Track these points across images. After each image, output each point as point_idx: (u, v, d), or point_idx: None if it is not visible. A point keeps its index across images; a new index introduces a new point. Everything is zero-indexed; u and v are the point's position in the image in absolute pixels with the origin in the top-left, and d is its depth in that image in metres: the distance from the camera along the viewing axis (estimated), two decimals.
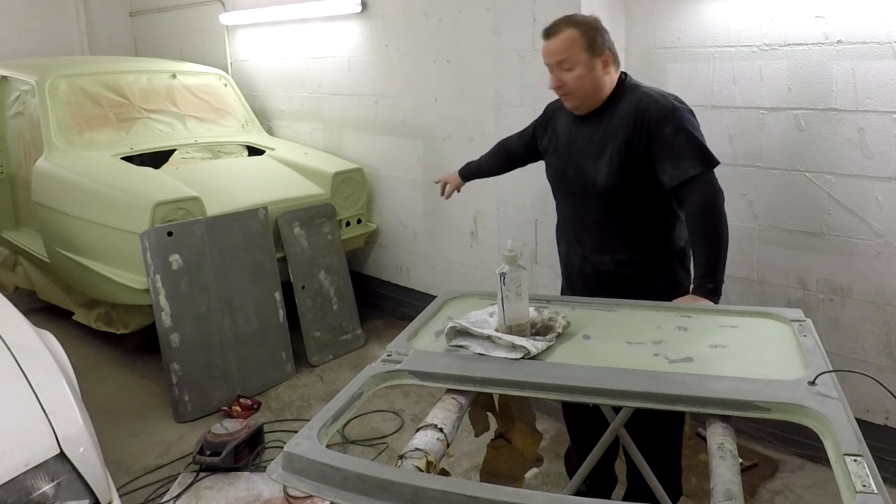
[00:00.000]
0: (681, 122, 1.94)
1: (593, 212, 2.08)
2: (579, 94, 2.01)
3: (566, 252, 2.21)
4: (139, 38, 6.13)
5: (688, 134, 1.93)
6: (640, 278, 2.07)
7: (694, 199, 1.92)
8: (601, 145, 2.01)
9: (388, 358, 1.55)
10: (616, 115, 2.01)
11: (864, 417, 2.51)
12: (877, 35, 2.29)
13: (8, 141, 4.38)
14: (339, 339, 3.86)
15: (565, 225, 2.20)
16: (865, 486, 1.03)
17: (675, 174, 1.92)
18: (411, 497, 1.11)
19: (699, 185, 1.91)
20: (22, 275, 4.46)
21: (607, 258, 2.09)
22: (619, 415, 1.82)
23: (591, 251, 2.11)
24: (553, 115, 2.23)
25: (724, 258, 1.93)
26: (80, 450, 1.54)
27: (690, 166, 1.91)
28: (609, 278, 2.10)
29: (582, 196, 2.09)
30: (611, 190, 2.01)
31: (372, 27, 4.04)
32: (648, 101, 1.98)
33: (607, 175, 2.00)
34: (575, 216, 2.14)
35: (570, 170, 2.10)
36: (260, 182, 3.89)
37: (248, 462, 2.79)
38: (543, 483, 2.62)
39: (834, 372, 1.36)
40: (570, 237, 2.18)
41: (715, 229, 1.92)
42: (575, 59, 1.96)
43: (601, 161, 2.01)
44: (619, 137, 1.98)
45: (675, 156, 1.92)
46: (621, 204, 2.03)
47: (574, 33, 1.96)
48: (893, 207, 2.37)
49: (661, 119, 1.94)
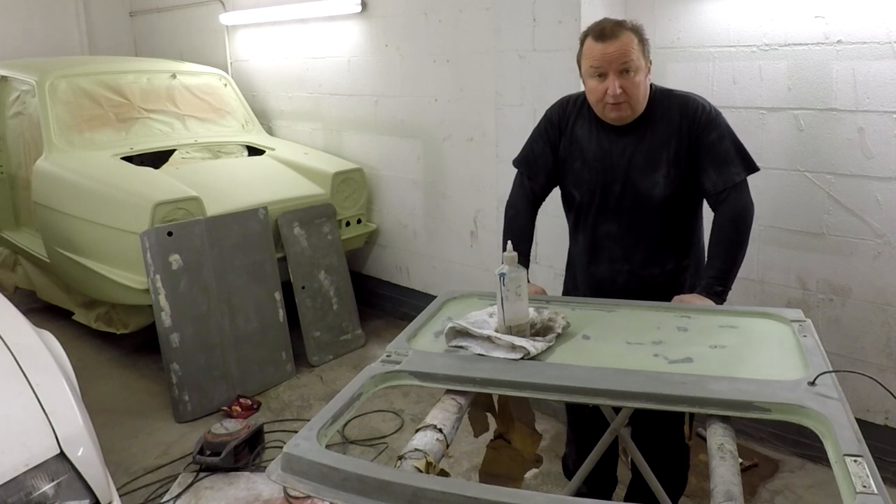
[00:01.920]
0: (725, 127, 1.94)
1: (647, 226, 1.99)
2: (635, 103, 1.90)
3: (607, 269, 2.06)
4: (139, 38, 6.13)
5: (732, 139, 1.93)
6: (682, 284, 2.05)
7: (730, 205, 1.91)
8: (651, 157, 1.94)
9: (387, 358, 1.55)
10: (661, 123, 1.94)
11: (864, 417, 2.51)
12: (877, 35, 2.29)
13: (8, 141, 4.38)
14: (339, 339, 3.86)
15: (607, 242, 2.04)
16: (865, 487, 1.03)
17: (719, 181, 1.90)
18: (411, 498, 1.11)
19: (738, 192, 1.91)
20: (22, 275, 4.46)
21: (657, 271, 2.03)
22: (619, 415, 1.82)
23: (641, 265, 2.02)
24: (565, 123, 2.05)
25: (739, 267, 1.93)
26: (80, 450, 1.54)
27: (735, 172, 1.90)
28: (656, 289, 2.01)
29: (633, 211, 1.99)
30: (669, 202, 1.96)
31: (372, 27, 4.03)
32: (695, 106, 1.94)
33: (665, 187, 1.94)
34: (622, 232, 2.02)
35: (616, 186, 1.97)
36: (260, 182, 3.89)
37: (248, 462, 2.79)
38: (543, 483, 2.62)
39: (834, 372, 1.36)
40: (613, 254, 2.04)
41: (739, 237, 1.92)
42: (637, 64, 1.86)
43: (657, 173, 1.94)
44: (672, 147, 1.92)
45: (721, 162, 1.91)
46: (676, 214, 1.99)
47: (633, 36, 1.86)
48: (893, 207, 2.37)
49: (707, 124, 1.92)
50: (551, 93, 2.29)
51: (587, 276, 2.12)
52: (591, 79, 1.90)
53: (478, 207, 3.70)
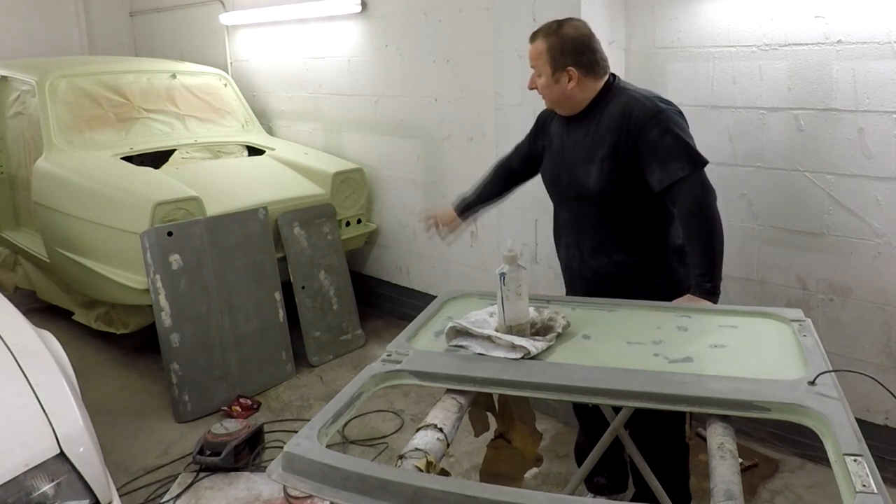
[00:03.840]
0: (667, 123, 1.93)
1: (588, 216, 2.09)
2: (548, 100, 2.09)
3: (565, 255, 2.22)
4: (139, 38, 6.13)
5: (674, 135, 1.93)
6: (639, 277, 2.08)
7: (685, 200, 1.92)
8: (590, 151, 2.03)
9: (388, 358, 1.55)
10: (603, 119, 2.01)
11: (864, 417, 2.51)
12: (877, 35, 2.29)
13: (8, 141, 4.38)
14: (339, 339, 3.86)
15: (563, 229, 2.21)
16: (865, 486, 1.03)
17: (663, 177, 1.92)
18: (411, 497, 1.11)
19: (688, 186, 1.91)
20: (22, 275, 4.46)
21: (604, 260, 2.10)
22: (619, 415, 1.83)
23: (589, 254, 2.12)
24: (546, 121, 2.24)
25: (721, 257, 1.92)
26: (80, 450, 1.54)
27: (679, 168, 1.91)
28: (608, 279, 2.11)
29: (577, 201, 2.11)
30: (602, 194, 2.02)
31: (372, 27, 4.04)
32: (634, 104, 1.97)
33: (598, 180, 2.01)
34: (571, 220, 2.16)
35: (564, 175, 2.11)
36: (260, 182, 3.89)
37: (248, 462, 2.79)
38: (543, 483, 2.62)
39: (834, 372, 1.36)
40: (568, 241, 2.19)
41: (708, 228, 1.92)
42: (541, 69, 2.02)
43: (591, 166, 2.02)
44: (607, 142, 1.98)
45: (663, 158, 1.92)
46: (615, 207, 2.04)
47: (542, 46, 2.00)
48: (893, 207, 2.37)
49: (646, 122, 1.93)
50: None
51: (558, 258, 2.29)
52: None
53: None
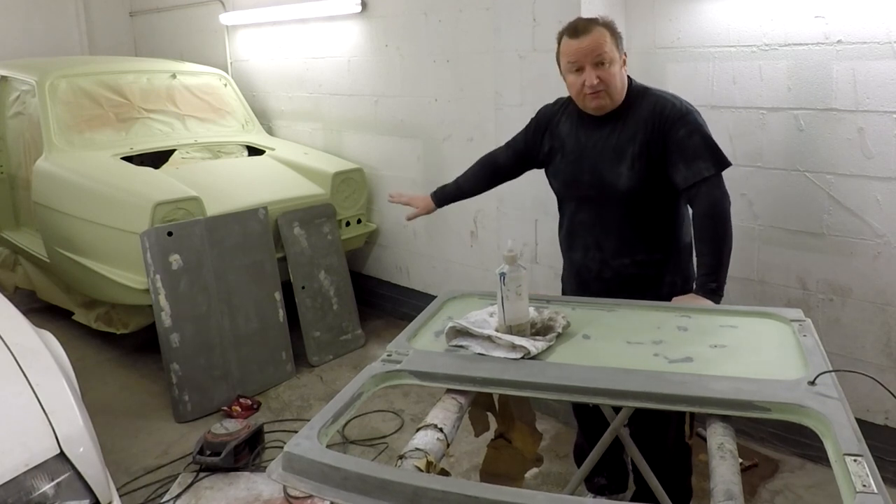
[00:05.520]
0: (695, 123, 1.99)
1: (613, 216, 2.08)
2: (613, 92, 1.99)
3: (582, 257, 2.17)
4: (139, 38, 6.13)
5: (702, 136, 1.98)
6: (658, 277, 2.10)
7: (703, 200, 1.96)
8: (619, 150, 2.02)
9: (388, 358, 1.55)
10: (631, 118, 2.02)
11: (864, 417, 2.51)
12: (877, 35, 2.29)
13: (8, 141, 4.38)
14: (339, 339, 3.86)
15: (580, 231, 2.16)
16: (865, 486, 1.03)
17: (688, 175, 1.95)
18: (411, 497, 1.11)
19: (710, 187, 1.95)
20: (22, 275, 4.46)
21: (627, 260, 2.10)
22: (619, 415, 1.82)
23: (612, 255, 2.11)
24: (551, 121, 2.20)
25: (728, 260, 1.96)
26: (80, 450, 1.54)
27: (704, 167, 1.95)
28: (629, 279, 2.11)
29: (600, 201, 2.08)
30: (632, 193, 2.02)
31: (372, 27, 4.03)
32: (664, 103, 2.01)
33: (629, 179, 2.01)
34: (593, 221, 2.13)
35: (585, 175, 2.08)
36: (260, 182, 3.89)
37: (248, 462, 2.79)
38: (543, 483, 2.62)
39: (834, 372, 1.36)
40: (587, 242, 2.15)
41: (721, 231, 1.95)
42: (611, 56, 1.96)
43: (621, 165, 2.02)
44: (638, 141, 2.00)
45: (690, 157, 1.96)
46: (640, 206, 2.05)
47: (605, 31, 1.97)
48: (893, 207, 2.37)
49: (676, 120, 1.98)
50: (551, 93, 2.30)
51: (568, 262, 2.25)
52: (570, 74, 2.02)
53: (478, 207, 3.69)
